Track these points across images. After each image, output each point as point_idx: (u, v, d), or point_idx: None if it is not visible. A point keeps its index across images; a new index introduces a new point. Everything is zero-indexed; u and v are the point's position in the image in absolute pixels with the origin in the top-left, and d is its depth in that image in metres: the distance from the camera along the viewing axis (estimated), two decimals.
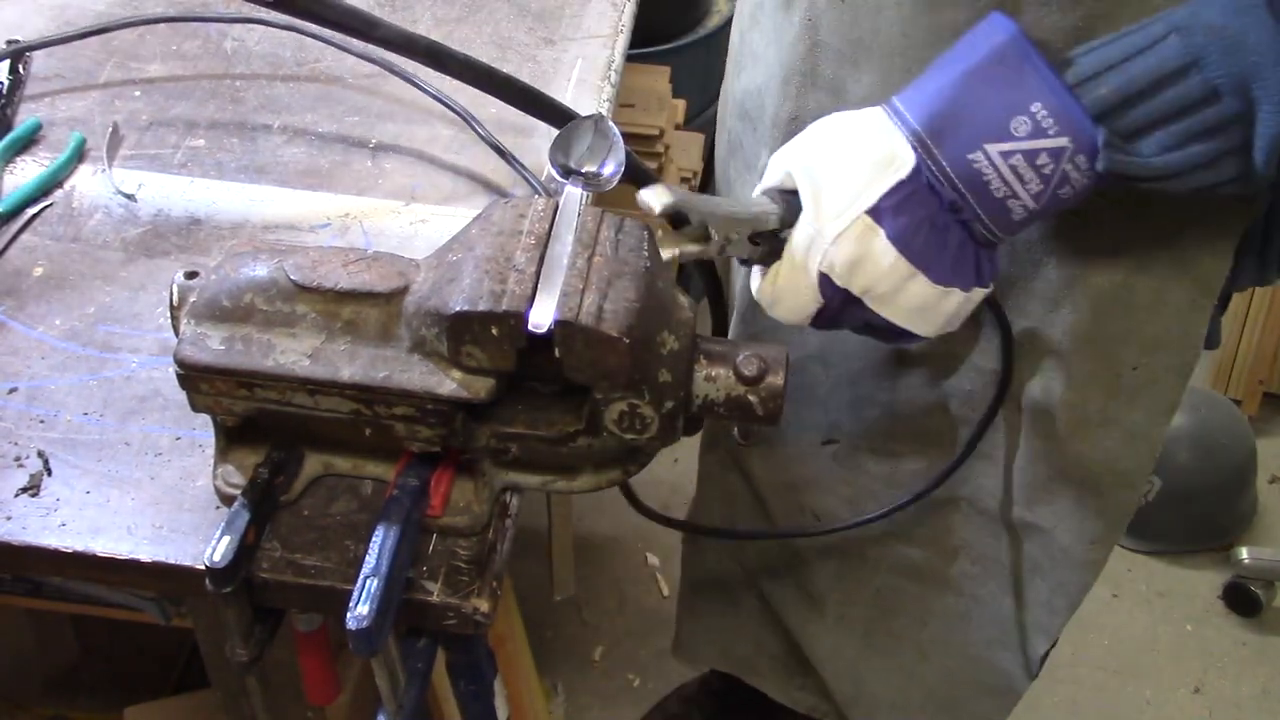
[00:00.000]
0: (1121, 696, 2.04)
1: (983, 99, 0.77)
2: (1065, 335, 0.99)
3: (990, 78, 0.77)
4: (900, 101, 0.81)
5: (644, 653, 1.99)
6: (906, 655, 1.34)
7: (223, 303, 0.77)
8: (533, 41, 1.31)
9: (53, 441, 0.87)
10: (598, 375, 0.73)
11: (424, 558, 0.78)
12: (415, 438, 0.76)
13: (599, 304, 0.72)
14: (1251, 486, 2.29)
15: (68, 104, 1.19)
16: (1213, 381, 2.48)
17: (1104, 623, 2.15)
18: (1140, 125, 0.75)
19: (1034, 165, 0.77)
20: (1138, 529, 2.24)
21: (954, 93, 0.77)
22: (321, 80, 1.24)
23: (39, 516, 0.82)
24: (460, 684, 0.89)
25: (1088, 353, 0.99)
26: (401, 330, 0.76)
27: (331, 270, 0.77)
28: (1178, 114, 0.74)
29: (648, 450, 0.80)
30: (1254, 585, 2.14)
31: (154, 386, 0.92)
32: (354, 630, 0.69)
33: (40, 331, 0.96)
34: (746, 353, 0.79)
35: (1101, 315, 0.97)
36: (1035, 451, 1.07)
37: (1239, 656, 2.11)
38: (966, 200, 0.79)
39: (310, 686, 0.85)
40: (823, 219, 0.81)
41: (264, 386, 0.75)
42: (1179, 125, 0.75)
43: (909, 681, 1.36)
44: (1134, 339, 0.98)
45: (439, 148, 1.16)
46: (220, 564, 0.72)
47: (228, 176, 1.12)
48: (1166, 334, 0.97)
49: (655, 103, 2.12)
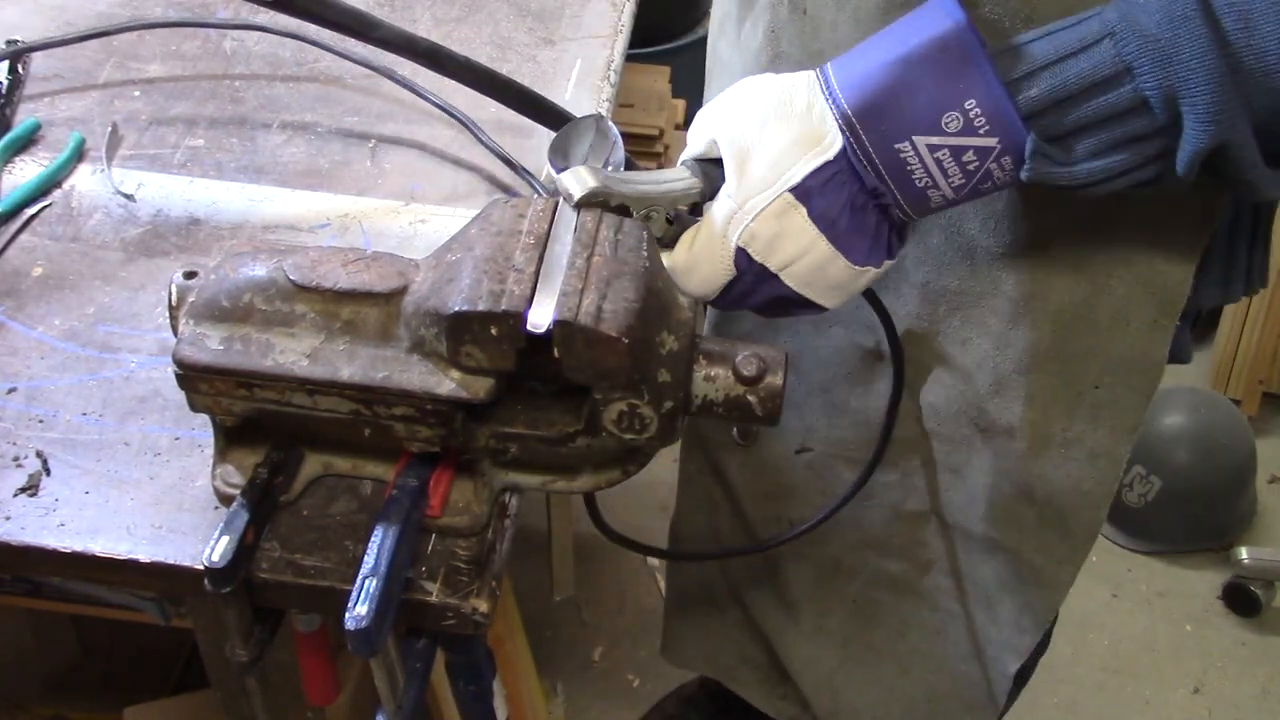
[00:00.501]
0: (1121, 696, 2.04)
1: (918, 90, 0.75)
2: (1025, 353, 0.98)
3: (928, 67, 0.75)
4: (834, 73, 0.79)
5: (644, 653, 1.99)
6: (885, 668, 1.33)
7: (222, 303, 0.76)
8: (532, 42, 1.31)
9: (52, 441, 0.87)
10: (597, 375, 0.73)
11: (423, 558, 0.78)
12: (415, 438, 0.76)
13: (598, 304, 0.72)
14: (1251, 486, 2.28)
15: (67, 104, 1.19)
16: (1213, 381, 2.48)
17: (1104, 623, 2.15)
18: (1069, 129, 0.75)
19: (959, 161, 0.76)
20: (1138, 529, 2.25)
21: (890, 80, 0.76)
22: (321, 80, 1.24)
23: (38, 516, 0.82)
24: (459, 684, 0.89)
25: (1048, 370, 0.99)
26: (401, 330, 0.76)
27: (331, 270, 0.77)
28: (1106, 121, 0.74)
29: (647, 450, 0.80)
30: (1253, 585, 2.14)
31: (153, 386, 0.92)
32: (353, 630, 0.69)
33: (39, 331, 0.96)
34: (746, 353, 0.79)
35: (1062, 333, 0.96)
36: (999, 470, 1.06)
37: (1238, 656, 2.11)
38: (888, 187, 0.78)
39: (310, 687, 0.85)
40: (745, 193, 0.80)
41: (263, 386, 0.75)
42: (1106, 133, 0.74)
43: (888, 695, 1.35)
44: (1095, 358, 0.97)
45: (439, 147, 1.16)
46: (219, 564, 0.72)
47: (227, 176, 1.12)
48: (1129, 353, 0.96)
49: (655, 103, 2.12)
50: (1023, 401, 1.00)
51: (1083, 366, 0.98)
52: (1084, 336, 0.96)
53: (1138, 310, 0.94)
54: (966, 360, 1.02)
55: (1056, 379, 0.99)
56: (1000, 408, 1.02)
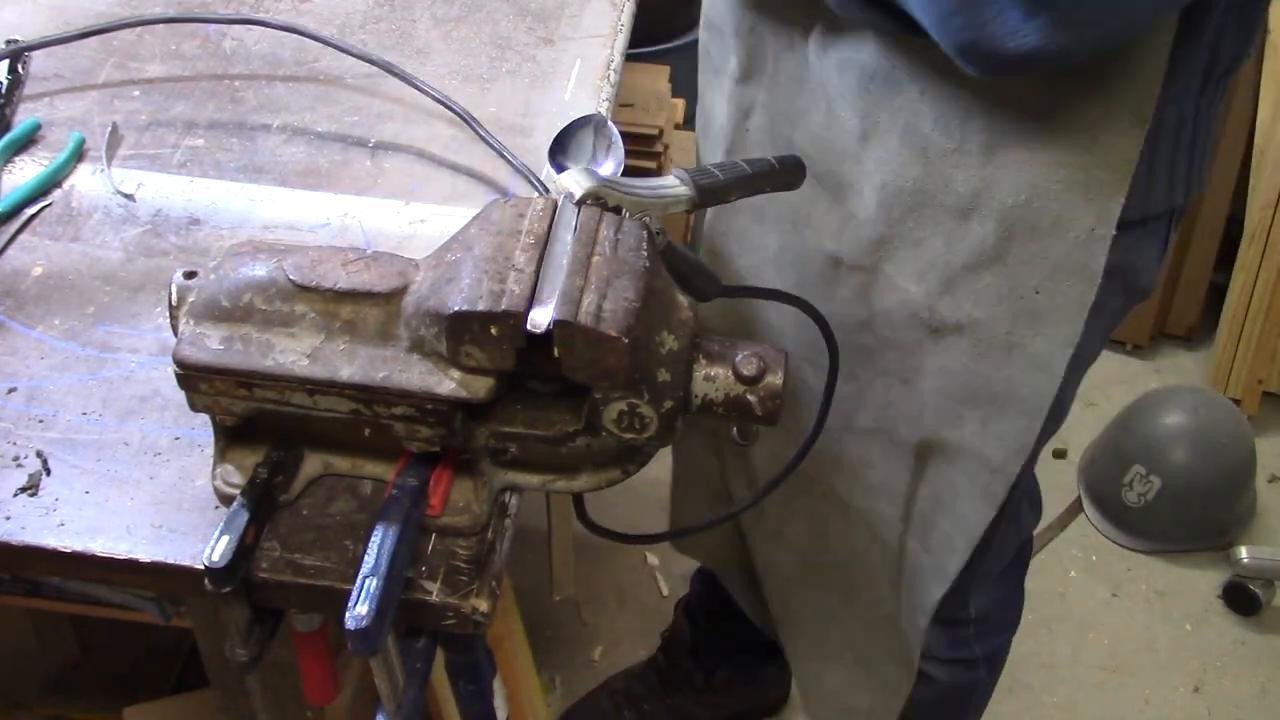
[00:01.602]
0: (1121, 696, 2.04)
1: None
2: (973, 250, 1.02)
3: None
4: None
5: (644, 652, 1.99)
6: (833, 595, 1.38)
7: (222, 302, 0.77)
8: (532, 41, 1.31)
9: (51, 441, 0.87)
10: (597, 375, 0.73)
11: (423, 557, 0.78)
12: (414, 437, 0.76)
13: (598, 304, 0.72)
14: (1251, 486, 2.28)
15: (67, 104, 1.19)
16: (1212, 381, 2.48)
17: (1103, 622, 2.15)
18: None
19: None
20: (1138, 528, 2.25)
21: None
22: (320, 80, 1.24)
23: (38, 516, 0.82)
24: (459, 684, 0.89)
25: (995, 271, 1.03)
26: (401, 330, 0.76)
27: (330, 270, 0.77)
28: None
29: (647, 450, 0.80)
30: (1253, 585, 2.14)
31: (153, 386, 0.92)
32: (353, 630, 0.69)
33: (39, 331, 0.96)
34: (746, 352, 0.79)
35: (1006, 233, 1.00)
36: (946, 372, 1.11)
37: (1238, 656, 2.11)
38: None
39: (310, 686, 0.85)
40: None
41: (263, 386, 0.75)
42: None
43: (830, 621, 1.41)
44: (1037, 262, 1.01)
45: (438, 147, 1.16)
46: (219, 564, 0.72)
47: (227, 176, 1.12)
48: (1067, 261, 1.00)
49: (655, 102, 2.12)
50: (971, 300, 1.05)
51: (1025, 269, 1.01)
52: (1026, 240, 1.00)
53: (1076, 217, 0.97)
54: (920, 261, 1.06)
55: (1001, 280, 1.03)
56: (950, 306, 1.06)
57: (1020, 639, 1.76)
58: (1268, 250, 2.32)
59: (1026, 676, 2.04)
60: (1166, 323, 2.61)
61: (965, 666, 1.46)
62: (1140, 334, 2.58)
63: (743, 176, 0.88)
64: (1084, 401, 2.52)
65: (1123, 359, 2.61)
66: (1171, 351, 2.63)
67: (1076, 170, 0.95)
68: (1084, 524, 2.30)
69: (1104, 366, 2.59)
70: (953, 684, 1.47)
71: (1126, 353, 2.61)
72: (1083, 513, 2.32)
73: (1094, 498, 2.31)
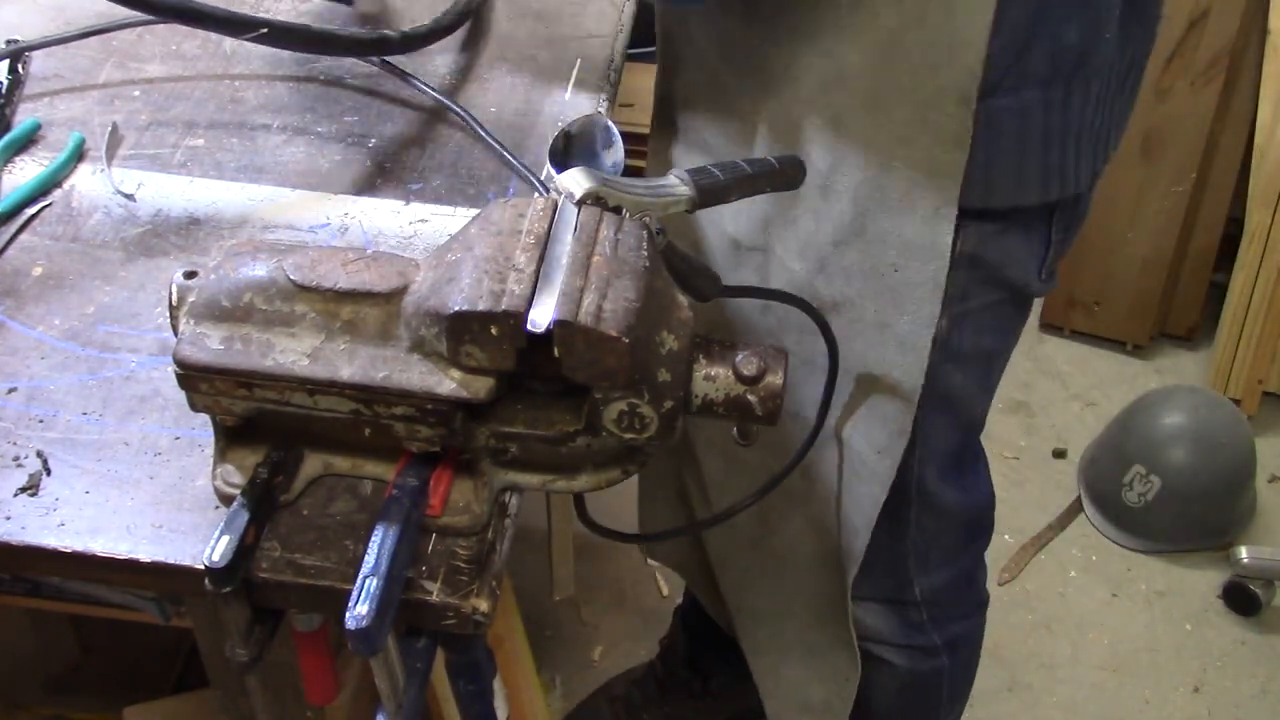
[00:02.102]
0: (1121, 696, 2.04)
1: None
2: (835, 226, 1.06)
3: None
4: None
5: (644, 652, 1.99)
6: (785, 585, 1.39)
7: (222, 302, 0.77)
8: (532, 41, 1.31)
9: (52, 441, 0.87)
10: (597, 375, 0.73)
11: (423, 557, 0.78)
12: (415, 437, 0.76)
13: (598, 304, 0.72)
14: (1251, 486, 2.28)
15: (67, 104, 1.19)
16: (1212, 381, 2.48)
17: (1103, 622, 2.15)
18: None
19: None
20: (1137, 528, 2.25)
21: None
22: (321, 80, 1.24)
23: (38, 516, 0.82)
24: (459, 684, 0.89)
25: (856, 247, 1.06)
26: (401, 330, 0.76)
27: (331, 270, 0.77)
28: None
29: (647, 450, 0.80)
30: (1253, 584, 2.14)
31: (153, 386, 0.92)
32: (353, 630, 0.69)
33: (39, 331, 0.96)
34: (746, 352, 0.79)
35: (861, 209, 1.04)
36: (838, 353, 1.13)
37: (1238, 656, 2.11)
38: None
39: (310, 686, 0.85)
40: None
41: (263, 386, 0.75)
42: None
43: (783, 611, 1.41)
44: (891, 239, 1.05)
45: (438, 147, 1.16)
46: (219, 564, 0.72)
47: (227, 176, 1.12)
48: (917, 238, 1.03)
49: None
50: (842, 278, 1.08)
51: (882, 246, 1.05)
52: (879, 217, 1.04)
53: (921, 195, 1.01)
54: (798, 239, 1.09)
55: (863, 256, 1.06)
56: (825, 284, 1.10)
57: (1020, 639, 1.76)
58: (1268, 250, 2.32)
59: (1026, 676, 2.04)
60: (1166, 323, 2.61)
61: (926, 654, 1.42)
62: (1140, 334, 2.58)
63: (743, 176, 0.88)
64: (1084, 401, 2.52)
65: (1123, 359, 2.61)
66: (1171, 351, 2.63)
67: (915, 148, 0.99)
68: (1084, 524, 2.30)
69: (1104, 366, 2.60)
70: (913, 670, 1.43)
71: (1126, 353, 2.61)
72: (1083, 513, 2.32)
73: (1094, 498, 2.31)
